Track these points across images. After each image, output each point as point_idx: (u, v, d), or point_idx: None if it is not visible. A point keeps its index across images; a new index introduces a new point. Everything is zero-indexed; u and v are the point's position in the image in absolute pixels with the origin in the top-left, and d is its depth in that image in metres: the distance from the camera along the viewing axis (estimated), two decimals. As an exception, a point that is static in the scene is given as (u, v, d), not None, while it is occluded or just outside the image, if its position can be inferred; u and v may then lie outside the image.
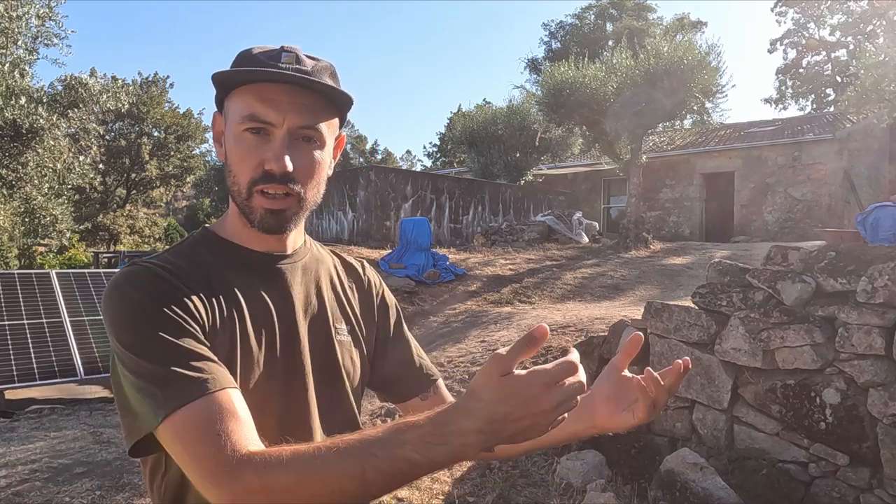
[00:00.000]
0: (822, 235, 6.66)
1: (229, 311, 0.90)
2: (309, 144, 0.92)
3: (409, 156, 51.34)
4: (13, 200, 10.40)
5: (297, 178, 0.91)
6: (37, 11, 9.63)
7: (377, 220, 13.26)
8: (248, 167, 0.90)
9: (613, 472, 3.80)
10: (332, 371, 1.00)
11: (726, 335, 3.74)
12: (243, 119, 0.90)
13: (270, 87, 0.89)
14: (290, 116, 0.89)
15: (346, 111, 0.98)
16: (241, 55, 0.93)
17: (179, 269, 0.89)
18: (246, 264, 0.96)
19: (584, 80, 12.03)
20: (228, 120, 0.93)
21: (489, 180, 16.82)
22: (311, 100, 0.91)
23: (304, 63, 0.91)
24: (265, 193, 0.90)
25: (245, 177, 0.91)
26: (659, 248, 12.24)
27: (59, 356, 5.98)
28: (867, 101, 11.09)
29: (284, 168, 0.88)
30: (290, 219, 0.93)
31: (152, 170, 26.99)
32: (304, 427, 0.93)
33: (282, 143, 0.89)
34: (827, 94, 30.48)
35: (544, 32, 37.27)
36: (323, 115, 0.93)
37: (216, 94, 0.96)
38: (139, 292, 0.84)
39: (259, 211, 0.91)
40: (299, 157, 0.90)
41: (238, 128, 0.91)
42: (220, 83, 0.93)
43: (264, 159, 0.89)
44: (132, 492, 3.52)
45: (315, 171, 0.94)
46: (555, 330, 5.64)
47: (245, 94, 0.90)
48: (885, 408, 3.12)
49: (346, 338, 1.03)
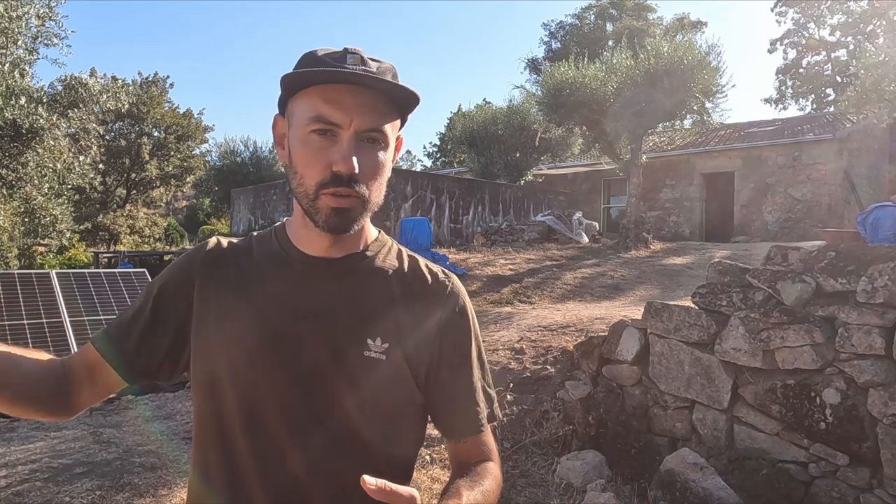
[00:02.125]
0: (822, 235, 6.67)
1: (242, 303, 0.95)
2: (374, 146, 0.92)
3: (409, 156, 51.30)
4: (13, 200, 10.40)
5: (361, 180, 0.90)
6: (37, 11, 9.63)
7: (377, 220, 13.13)
8: (316, 169, 0.90)
9: (613, 472, 3.80)
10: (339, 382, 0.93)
11: (726, 335, 3.74)
12: (310, 121, 0.89)
13: (336, 88, 0.89)
14: (357, 118, 0.89)
15: (409, 112, 0.98)
16: (305, 57, 0.93)
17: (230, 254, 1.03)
18: (284, 262, 0.99)
19: (584, 80, 12.03)
20: (293, 122, 0.93)
21: (489, 180, 16.82)
22: (377, 101, 0.91)
23: (369, 65, 0.91)
24: (332, 195, 0.90)
25: (313, 179, 0.90)
26: (659, 248, 12.23)
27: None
28: (867, 101, 11.09)
29: (352, 170, 0.88)
30: (354, 219, 0.93)
31: (152, 170, 26.97)
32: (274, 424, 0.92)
33: (349, 145, 0.89)
34: (827, 94, 30.48)
35: (544, 32, 37.25)
36: (388, 116, 0.93)
37: (280, 96, 0.96)
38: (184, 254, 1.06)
39: (325, 211, 0.91)
40: (364, 159, 0.90)
41: (304, 129, 0.90)
42: (288, 85, 0.92)
43: (332, 161, 0.89)
44: (132, 492, 3.51)
45: (379, 172, 0.94)
46: (555, 330, 5.64)
47: (311, 95, 0.90)
48: (885, 408, 3.12)
49: (379, 355, 0.94)
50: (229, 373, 0.93)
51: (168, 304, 1.00)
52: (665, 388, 4.05)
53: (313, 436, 0.92)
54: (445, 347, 1.00)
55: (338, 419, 0.92)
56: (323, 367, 0.93)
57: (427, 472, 3.81)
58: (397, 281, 1.01)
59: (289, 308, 0.95)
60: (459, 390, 1.01)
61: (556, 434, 4.18)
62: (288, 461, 0.91)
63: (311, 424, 0.92)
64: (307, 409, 0.92)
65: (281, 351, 0.93)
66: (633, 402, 4.23)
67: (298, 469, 0.91)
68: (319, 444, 0.92)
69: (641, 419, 4.18)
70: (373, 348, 0.94)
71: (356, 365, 0.93)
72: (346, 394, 0.93)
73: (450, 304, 1.02)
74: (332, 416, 0.92)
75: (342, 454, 0.92)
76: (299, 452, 0.91)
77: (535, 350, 5.20)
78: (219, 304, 0.97)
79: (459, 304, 1.03)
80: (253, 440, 0.92)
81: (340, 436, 0.92)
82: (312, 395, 0.92)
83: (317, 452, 0.92)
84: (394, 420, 0.97)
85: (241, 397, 0.92)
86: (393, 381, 0.95)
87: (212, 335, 0.96)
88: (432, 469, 3.86)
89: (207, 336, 0.96)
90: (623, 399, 4.29)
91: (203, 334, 0.96)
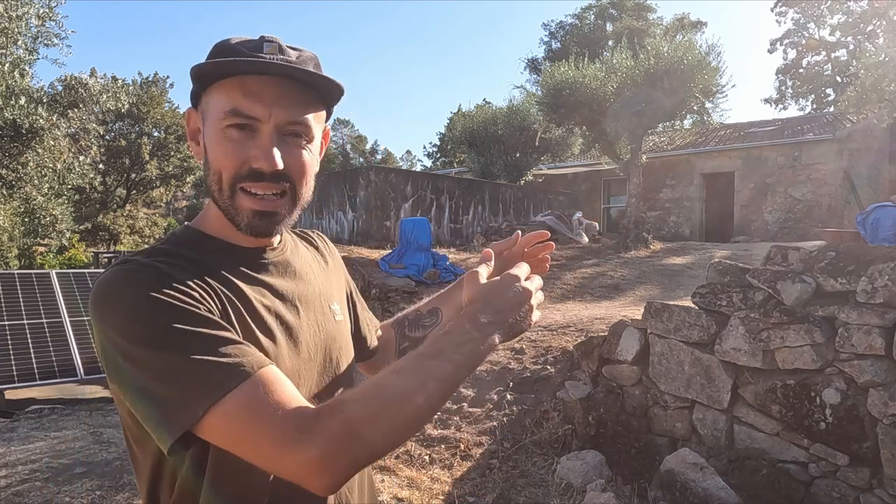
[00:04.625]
0: (822, 235, 6.67)
1: (231, 308, 0.84)
2: (297, 140, 0.87)
3: (409, 156, 51.36)
4: (13, 200, 10.40)
5: (290, 175, 0.86)
6: (37, 11, 9.64)
7: (377, 220, 13.23)
8: (232, 165, 0.84)
9: (613, 472, 3.80)
10: (339, 354, 1.00)
11: (726, 335, 3.74)
12: (226, 114, 0.83)
13: (254, 79, 0.82)
14: (277, 111, 0.83)
15: (333, 103, 0.93)
16: (218, 46, 0.86)
17: (173, 266, 0.82)
18: (238, 260, 0.90)
19: (584, 80, 12.02)
20: (208, 116, 0.87)
21: (489, 180, 16.81)
22: (299, 92, 0.85)
23: (288, 53, 0.85)
24: (251, 193, 0.85)
25: (229, 175, 0.84)
26: (659, 248, 12.23)
27: (59, 356, 5.98)
28: (867, 101, 11.09)
29: (275, 166, 0.83)
30: (280, 221, 0.88)
31: (152, 170, 26.98)
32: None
33: (270, 140, 0.83)
34: (827, 94, 30.48)
35: (544, 32, 37.31)
36: (311, 107, 0.87)
37: (192, 89, 0.89)
38: (145, 285, 0.76)
39: (246, 213, 0.85)
40: (288, 154, 0.85)
41: (220, 124, 0.84)
42: (199, 77, 0.85)
43: (250, 157, 0.83)
44: (132, 492, 3.51)
45: (306, 167, 0.88)
46: (555, 330, 5.64)
47: (226, 87, 0.83)
48: (885, 408, 3.12)
49: (341, 317, 1.04)
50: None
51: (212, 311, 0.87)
52: (665, 388, 4.05)
53: None
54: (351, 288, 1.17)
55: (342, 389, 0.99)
56: (326, 345, 0.97)
57: (427, 473, 3.81)
58: (311, 250, 1.09)
59: (280, 301, 0.92)
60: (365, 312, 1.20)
61: (556, 434, 4.18)
62: None
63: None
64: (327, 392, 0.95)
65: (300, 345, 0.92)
66: (633, 402, 4.23)
67: None
68: None
69: (641, 419, 4.18)
70: (337, 313, 1.03)
71: (336, 331, 1.01)
72: (344, 360, 1.02)
73: (335, 254, 1.16)
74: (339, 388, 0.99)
75: None
76: None
77: (535, 350, 5.20)
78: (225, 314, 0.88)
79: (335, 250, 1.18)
80: None
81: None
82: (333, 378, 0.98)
83: None
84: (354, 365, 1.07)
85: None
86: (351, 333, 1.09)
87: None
88: (432, 469, 3.86)
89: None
90: (623, 399, 4.29)
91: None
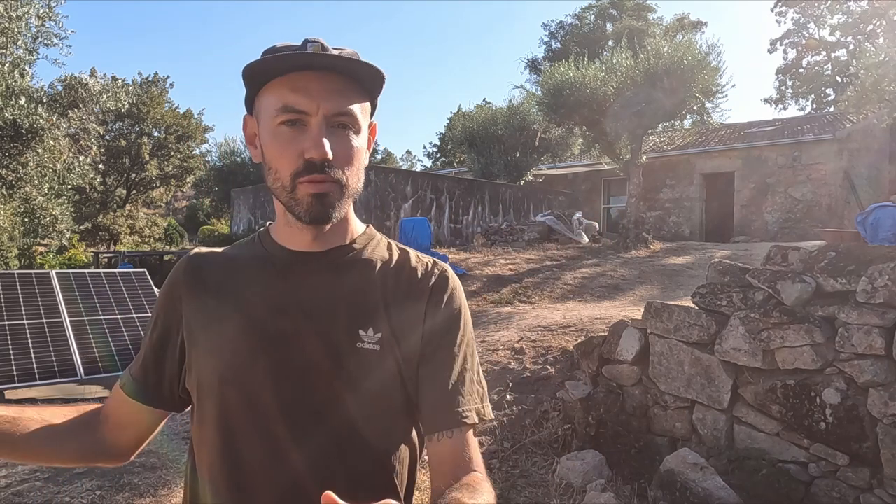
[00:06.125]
0: (822, 235, 6.67)
1: (226, 306, 0.95)
2: (345, 130, 0.91)
3: (409, 156, 51.30)
4: (13, 200, 10.39)
5: (336, 165, 0.89)
6: (37, 11, 9.63)
7: (377, 220, 13.23)
8: (289, 160, 0.89)
9: (613, 472, 3.80)
10: (336, 377, 0.91)
11: (726, 335, 3.74)
12: (277, 112, 0.88)
13: (300, 75, 0.88)
14: (324, 103, 0.88)
15: (377, 94, 0.96)
16: (265, 52, 0.92)
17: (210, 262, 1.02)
18: (269, 261, 0.98)
19: (584, 80, 12.03)
20: (262, 118, 0.92)
21: (489, 180, 16.82)
22: (342, 84, 0.90)
23: (330, 51, 0.90)
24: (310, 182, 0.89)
25: (287, 170, 0.89)
26: (659, 248, 12.23)
27: (59, 356, 5.97)
28: (867, 101, 11.10)
29: (325, 154, 0.87)
30: (333, 204, 0.91)
31: (152, 170, 26.96)
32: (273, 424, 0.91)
33: (319, 131, 0.88)
34: (827, 94, 30.49)
35: (544, 32, 37.30)
36: (355, 98, 0.91)
37: (246, 95, 0.95)
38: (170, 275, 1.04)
39: (305, 199, 0.89)
40: (337, 144, 0.89)
41: (273, 122, 0.89)
42: (250, 77, 0.91)
43: (303, 148, 0.87)
44: (132, 492, 3.52)
45: (354, 156, 0.92)
46: (555, 330, 5.64)
47: (275, 87, 0.89)
48: (885, 408, 3.12)
49: (372, 346, 0.91)
50: (223, 377, 0.92)
51: (167, 330, 1.01)
52: (665, 388, 4.05)
53: (314, 434, 0.90)
54: (433, 335, 0.94)
55: (338, 415, 0.90)
56: (317, 363, 0.90)
57: (428, 473, 3.81)
58: (387, 271, 0.98)
59: (275, 306, 0.94)
60: (441, 379, 0.92)
61: (556, 434, 4.18)
62: (289, 461, 0.90)
63: (311, 422, 0.90)
64: (305, 406, 0.90)
65: (271, 350, 0.92)
66: (633, 402, 4.23)
67: (300, 468, 0.90)
68: (321, 441, 0.90)
69: (641, 419, 4.18)
70: (366, 339, 0.91)
71: (350, 357, 0.90)
72: (344, 388, 0.90)
73: (438, 292, 0.97)
74: (332, 412, 0.90)
75: (344, 451, 0.91)
76: (301, 451, 0.90)
77: (535, 350, 5.20)
78: (203, 312, 0.97)
79: (448, 293, 0.98)
80: (253, 441, 0.91)
81: (341, 433, 0.90)
82: (309, 391, 0.90)
83: (318, 450, 0.90)
84: (393, 414, 0.93)
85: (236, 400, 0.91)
86: (389, 372, 0.92)
87: (201, 343, 0.95)
88: (432, 469, 3.86)
89: (197, 345, 0.96)
90: (623, 399, 4.29)
91: (194, 345, 0.96)
